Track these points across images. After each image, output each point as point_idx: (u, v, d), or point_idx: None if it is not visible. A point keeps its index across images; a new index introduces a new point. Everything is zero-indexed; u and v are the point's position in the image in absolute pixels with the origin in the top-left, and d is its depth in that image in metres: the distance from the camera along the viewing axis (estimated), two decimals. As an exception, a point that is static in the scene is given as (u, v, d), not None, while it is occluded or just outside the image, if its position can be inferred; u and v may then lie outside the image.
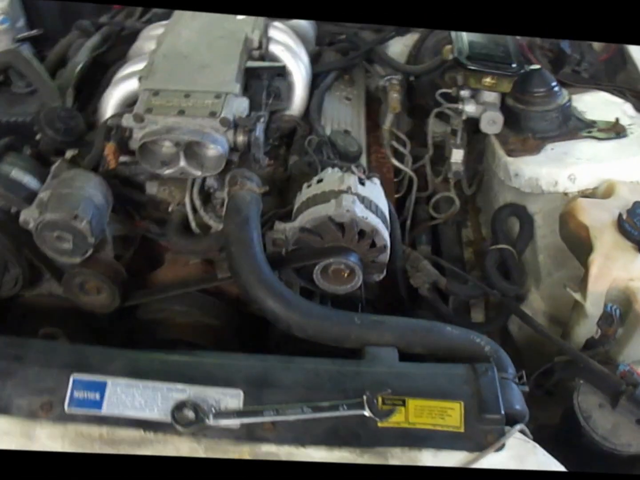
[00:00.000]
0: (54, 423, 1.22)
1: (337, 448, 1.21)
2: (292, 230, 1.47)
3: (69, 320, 1.60)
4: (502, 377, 1.32)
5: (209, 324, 1.59)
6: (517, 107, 1.81)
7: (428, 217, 2.04)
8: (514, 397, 1.30)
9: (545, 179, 1.74)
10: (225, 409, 1.23)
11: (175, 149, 1.48)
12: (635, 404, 1.39)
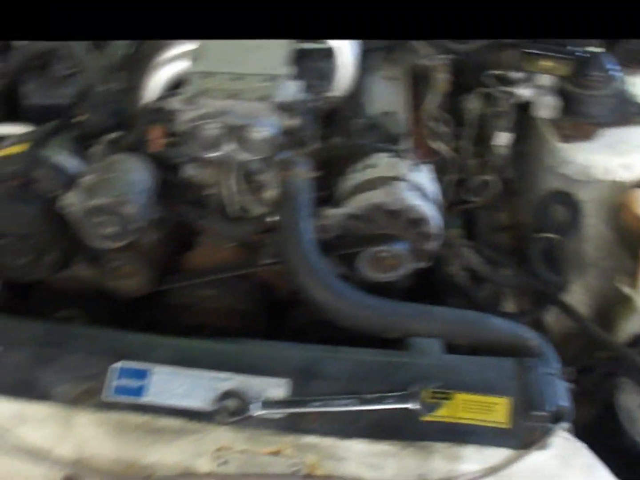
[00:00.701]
0: (94, 410, 1.21)
1: (379, 441, 1.19)
2: (339, 216, 1.44)
3: (89, 303, 1.59)
4: (548, 373, 1.29)
5: (239, 309, 1.57)
6: (572, 91, 1.73)
7: (461, 200, 2.00)
8: (559, 393, 1.26)
9: (598, 167, 1.67)
10: (269, 398, 1.21)
11: (223, 132, 1.44)
12: None
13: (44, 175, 1.42)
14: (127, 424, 1.20)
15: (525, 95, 1.76)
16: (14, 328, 1.33)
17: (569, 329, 1.69)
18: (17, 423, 1.21)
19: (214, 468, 1.18)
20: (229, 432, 1.19)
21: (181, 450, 1.19)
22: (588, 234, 1.72)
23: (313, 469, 1.18)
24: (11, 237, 1.42)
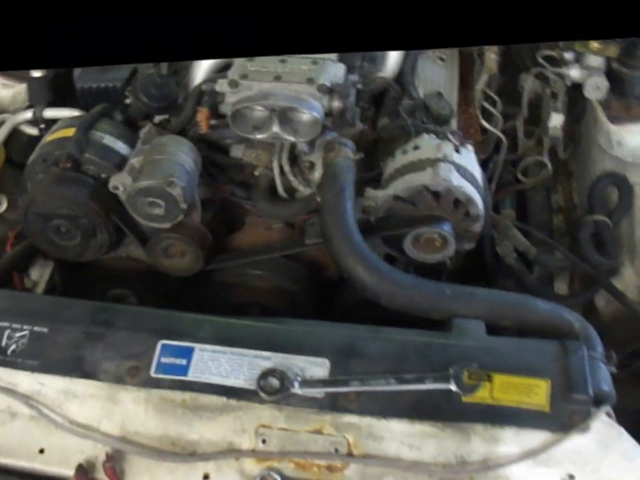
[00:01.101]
0: (139, 388, 1.24)
1: (418, 421, 1.19)
2: (384, 197, 1.44)
3: (140, 282, 1.62)
4: (590, 356, 1.27)
5: (285, 288, 1.58)
6: (623, 72, 1.70)
7: (514, 181, 1.96)
8: (601, 377, 1.24)
9: (649, 149, 1.65)
10: (310, 377, 1.22)
11: (269, 114, 1.44)
12: None
13: (93, 158, 1.45)
14: (170, 401, 1.23)
15: (576, 76, 1.72)
16: (62, 307, 1.36)
17: (620, 313, 1.65)
18: (65, 399, 1.24)
19: (255, 445, 1.19)
20: (270, 410, 1.21)
21: (223, 427, 1.20)
22: (637, 217, 1.68)
23: (353, 448, 1.19)
24: (62, 218, 1.45)
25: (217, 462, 1.19)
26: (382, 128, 1.64)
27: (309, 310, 1.58)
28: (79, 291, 1.62)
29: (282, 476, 1.17)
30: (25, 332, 1.29)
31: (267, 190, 1.56)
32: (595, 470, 1.16)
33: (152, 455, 1.19)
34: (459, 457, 1.18)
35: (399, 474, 1.17)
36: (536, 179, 1.92)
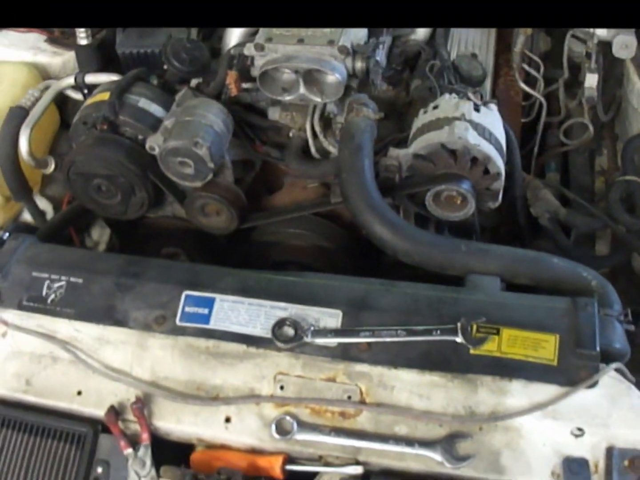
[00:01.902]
0: (166, 335, 1.31)
1: (428, 372, 1.23)
2: (406, 156, 1.45)
3: (189, 241, 1.68)
4: (605, 314, 1.27)
5: (323, 247, 1.61)
6: (655, 30, 1.65)
7: (559, 143, 1.93)
8: (614, 335, 1.25)
9: (684, 106, 1.60)
10: (323, 328, 1.27)
11: (295, 76, 1.48)
12: None
13: (128, 120, 1.51)
14: (195, 348, 1.29)
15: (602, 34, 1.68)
16: (96, 260, 1.45)
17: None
18: (99, 345, 1.32)
19: (274, 391, 1.25)
20: (287, 358, 1.26)
21: (244, 373, 1.27)
22: None
23: (365, 396, 1.23)
24: (101, 178, 1.52)
25: (238, 406, 1.25)
26: (415, 90, 1.65)
27: (348, 269, 1.59)
28: (134, 250, 1.70)
29: (298, 421, 1.22)
30: (62, 283, 1.37)
31: (299, 150, 1.59)
32: (603, 424, 1.18)
33: (178, 398, 1.26)
34: (468, 408, 1.21)
35: (410, 422, 1.21)
36: (579, 141, 1.89)
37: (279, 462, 1.20)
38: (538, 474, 1.16)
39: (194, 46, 1.60)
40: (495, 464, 1.17)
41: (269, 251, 1.64)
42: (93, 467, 1.25)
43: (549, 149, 1.92)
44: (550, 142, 1.93)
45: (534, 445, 1.17)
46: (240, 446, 1.25)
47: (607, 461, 1.15)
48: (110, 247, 1.80)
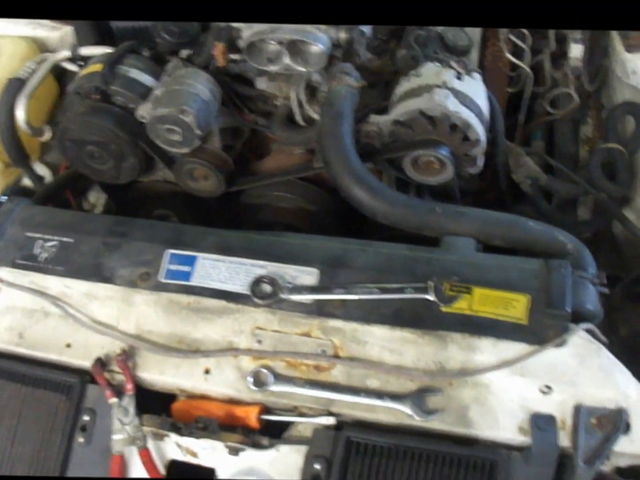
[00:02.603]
0: (150, 291, 1.34)
1: (399, 328, 1.25)
2: (386, 123, 1.47)
3: (180, 203, 1.71)
4: (579, 276, 1.28)
5: (307, 209, 1.64)
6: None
7: (545, 113, 1.92)
8: (587, 296, 1.26)
9: (663, 77, 1.60)
10: (300, 285, 1.29)
11: (280, 47, 1.49)
12: None
13: (119, 89, 1.54)
14: (177, 304, 1.33)
15: (589, 5, 1.67)
16: (86, 221, 1.49)
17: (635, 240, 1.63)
18: (88, 301, 1.36)
19: (251, 345, 1.28)
20: (265, 314, 1.29)
21: (223, 328, 1.30)
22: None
23: (338, 351, 1.25)
24: (93, 144, 1.55)
25: (217, 359, 1.29)
26: (400, 59, 1.66)
27: (332, 230, 1.59)
28: (129, 212, 1.73)
29: (274, 373, 1.25)
30: (54, 242, 1.41)
31: (285, 118, 1.61)
32: (571, 383, 1.19)
33: (161, 351, 1.30)
34: (438, 363, 1.23)
35: (381, 376, 1.24)
36: (564, 111, 1.88)
37: (255, 412, 1.24)
38: (505, 428, 1.18)
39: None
40: (463, 418, 1.19)
41: (256, 213, 1.67)
42: (80, 415, 1.30)
43: (535, 119, 1.92)
44: (537, 112, 1.92)
45: (502, 401, 1.19)
46: (219, 397, 1.28)
47: (574, 418, 1.17)
48: (107, 210, 1.84)
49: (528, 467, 1.15)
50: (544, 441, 1.16)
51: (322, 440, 1.21)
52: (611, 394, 1.18)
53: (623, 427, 1.15)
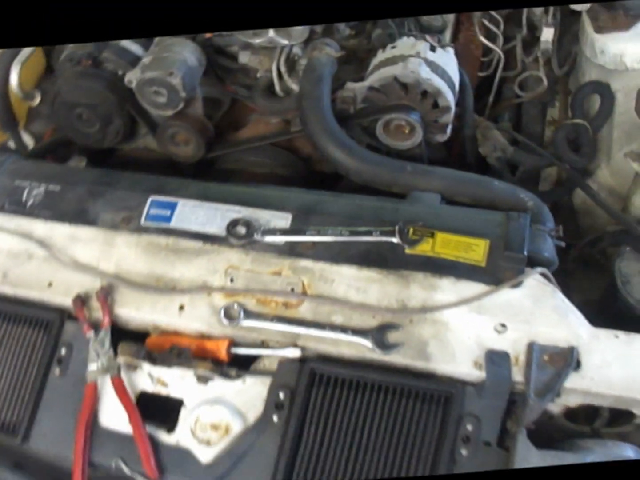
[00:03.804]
0: (131, 233, 1.41)
1: (365, 268, 1.31)
2: (361, 89, 1.56)
3: (159, 170, 1.73)
4: (537, 229, 1.36)
5: (281, 175, 1.70)
6: (611, -18, 1.73)
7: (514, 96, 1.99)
8: (544, 245, 1.33)
9: (630, 56, 1.66)
10: (273, 227, 1.36)
11: None
12: None
13: (110, 56, 1.64)
14: (156, 245, 1.40)
15: (560, -14, 1.76)
16: (73, 172, 1.57)
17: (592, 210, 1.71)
18: (71, 243, 1.43)
19: (225, 283, 1.35)
20: (238, 254, 1.36)
21: (199, 267, 1.37)
22: (617, 120, 1.70)
23: (307, 289, 1.32)
24: (83, 107, 1.64)
25: (192, 296, 1.35)
26: (375, 37, 1.75)
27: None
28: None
29: (245, 309, 1.32)
30: (41, 190, 1.49)
31: (265, 89, 1.71)
32: (525, 321, 1.25)
33: (139, 288, 1.36)
34: (400, 301, 1.29)
35: (346, 313, 1.30)
36: (532, 94, 1.96)
37: (225, 345, 1.30)
38: (461, 362, 1.24)
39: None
40: (422, 352, 1.25)
41: (232, 177, 1.74)
42: (57, 348, 1.36)
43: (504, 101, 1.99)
44: (506, 95, 2.00)
45: (459, 337, 1.26)
46: (192, 332, 1.34)
47: (527, 355, 1.23)
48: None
49: (481, 400, 1.21)
50: (497, 375, 1.22)
51: (287, 371, 1.27)
52: (563, 333, 1.24)
53: (574, 364, 1.21)
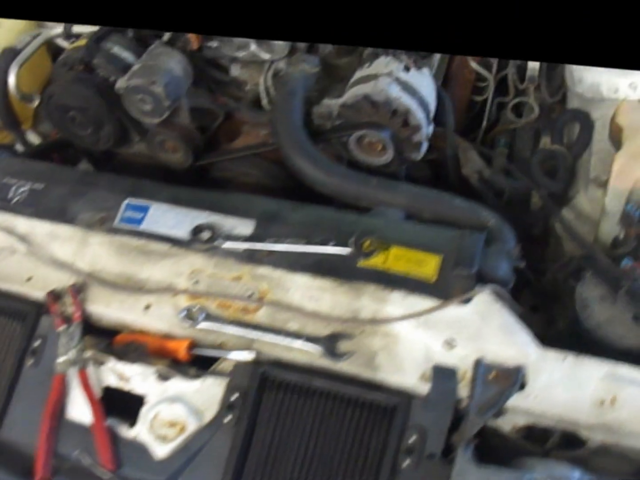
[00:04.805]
0: (105, 234, 1.48)
1: (320, 277, 1.35)
2: (336, 106, 1.60)
3: (157, 176, 1.79)
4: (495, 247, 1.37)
5: (267, 185, 1.74)
6: (588, 12, 1.75)
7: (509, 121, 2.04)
8: (498, 264, 1.35)
9: (606, 85, 1.68)
10: (235, 234, 1.42)
11: None
12: (633, 299, 1.36)
13: (101, 62, 1.70)
14: (127, 246, 1.47)
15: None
16: (58, 172, 1.64)
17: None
18: (50, 240, 1.51)
19: (189, 286, 1.41)
20: (202, 258, 1.42)
21: (165, 269, 1.43)
22: (595, 148, 1.71)
23: (265, 295, 1.37)
24: (75, 110, 1.71)
25: (158, 296, 1.41)
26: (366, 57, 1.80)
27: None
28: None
29: (206, 312, 1.38)
30: (26, 188, 1.57)
31: (252, 102, 1.77)
32: (473, 338, 1.28)
33: (109, 287, 1.43)
34: (352, 312, 1.33)
35: (301, 320, 1.35)
36: (525, 120, 1.98)
37: (185, 345, 1.36)
38: (409, 375, 1.28)
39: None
40: (371, 362, 1.30)
41: (221, 185, 1.79)
42: (32, 340, 1.42)
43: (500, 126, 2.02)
44: (503, 120, 2.03)
45: (408, 350, 1.29)
46: (156, 331, 1.40)
47: (473, 372, 1.25)
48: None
49: (427, 413, 1.24)
50: (442, 390, 1.25)
51: (240, 374, 1.32)
52: (511, 352, 1.26)
53: (519, 384, 1.24)
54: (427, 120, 1.59)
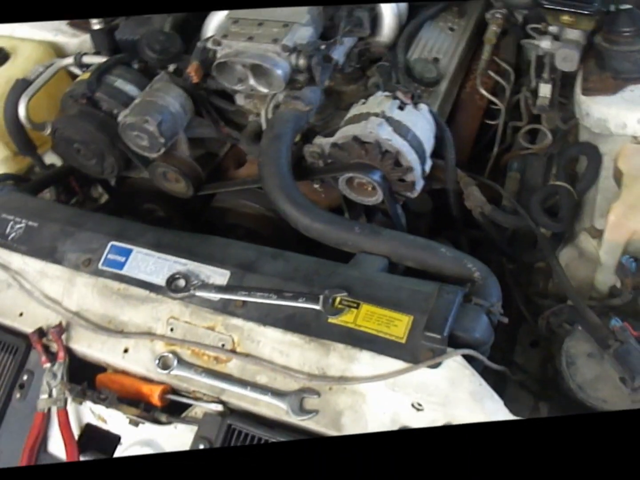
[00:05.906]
0: (90, 275, 1.47)
1: (290, 332, 1.31)
2: (327, 145, 1.53)
3: (165, 199, 1.83)
4: (476, 304, 1.29)
5: (267, 216, 1.72)
6: (602, 46, 1.60)
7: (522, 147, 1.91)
8: (476, 324, 1.26)
9: (614, 121, 1.55)
10: (210, 283, 1.39)
11: (243, 69, 1.60)
12: (619, 360, 1.26)
13: (103, 96, 1.69)
14: (109, 289, 1.46)
15: (546, 47, 1.65)
16: (52, 210, 1.63)
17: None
18: (40, 278, 1.52)
19: (166, 332, 1.39)
20: (178, 306, 1.40)
21: (144, 314, 1.42)
22: (601, 186, 1.58)
23: (236, 346, 1.35)
24: (79, 143, 1.70)
25: (136, 341, 1.41)
26: (370, 86, 1.71)
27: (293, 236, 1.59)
28: (122, 205, 1.92)
29: (179, 359, 1.36)
30: (22, 225, 1.57)
31: (253, 133, 1.72)
32: (440, 404, 1.21)
33: (91, 328, 1.43)
34: (320, 369, 1.29)
35: (270, 374, 1.31)
36: (538, 146, 1.87)
37: (158, 391, 1.35)
38: (373, 436, 1.22)
39: (166, 38, 1.75)
40: (336, 421, 1.25)
41: (224, 215, 1.79)
42: (21, 374, 1.45)
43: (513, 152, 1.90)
44: (516, 146, 1.91)
45: (374, 411, 1.24)
46: (134, 374, 1.39)
47: (442, 437, 1.19)
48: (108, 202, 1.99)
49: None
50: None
51: (208, 424, 1.30)
52: (479, 419, 1.18)
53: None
54: (420, 160, 1.50)
